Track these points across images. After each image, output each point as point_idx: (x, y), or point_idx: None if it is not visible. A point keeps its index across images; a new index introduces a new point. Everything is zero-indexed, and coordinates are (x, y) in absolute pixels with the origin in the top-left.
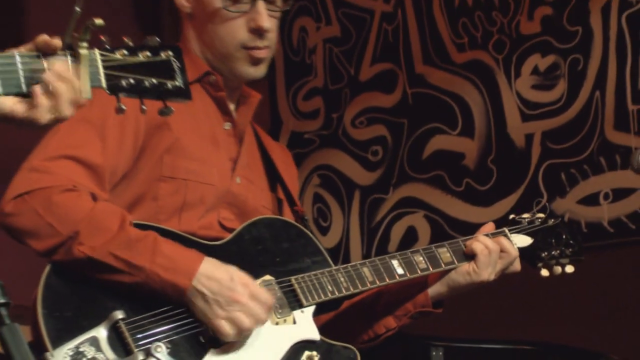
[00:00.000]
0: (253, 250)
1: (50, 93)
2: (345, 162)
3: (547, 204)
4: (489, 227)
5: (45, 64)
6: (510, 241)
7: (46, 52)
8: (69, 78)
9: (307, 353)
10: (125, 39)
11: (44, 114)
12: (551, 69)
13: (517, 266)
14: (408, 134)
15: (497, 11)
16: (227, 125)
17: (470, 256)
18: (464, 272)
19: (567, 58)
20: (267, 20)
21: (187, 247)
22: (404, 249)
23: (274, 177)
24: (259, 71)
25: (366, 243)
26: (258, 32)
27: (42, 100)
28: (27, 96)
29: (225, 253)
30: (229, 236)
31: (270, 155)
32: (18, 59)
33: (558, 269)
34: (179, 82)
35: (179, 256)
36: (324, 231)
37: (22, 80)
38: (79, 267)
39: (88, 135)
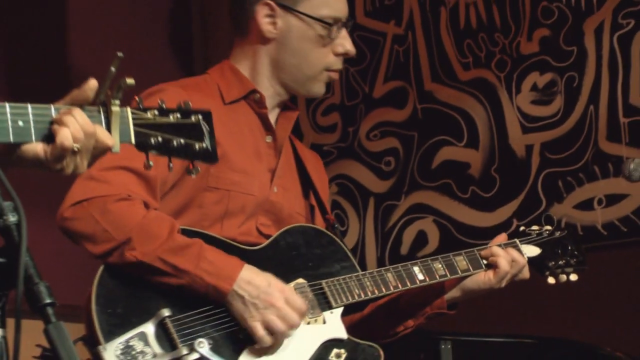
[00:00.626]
0: (288, 255)
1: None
2: (361, 171)
3: (554, 217)
4: (502, 237)
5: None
6: (521, 251)
7: (80, 105)
8: (92, 131)
9: (335, 350)
10: (159, 101)
11: (67, 162)
12: (549, 86)
13: (525, 274)
14: (418, 146)
15: (499, 33)
16: (269, 139)
17: (487, 265)
18: (478, 280)
19: (564, 75)
20: (353, 46)
21: (229, 255)
22: (415, 252)
23: (307, 184)
24: (326, 89)
25: (380, 246)
26: (344, 56)
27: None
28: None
29: (262, 257)
30: (266, 242)
31: (304, 164)
32: (53, 111)
33: (563, 277)
34: (206, 145)
35: (221, 262)
36: (342, 235)
37: (50, 129)
38: (130, 268)
39: None
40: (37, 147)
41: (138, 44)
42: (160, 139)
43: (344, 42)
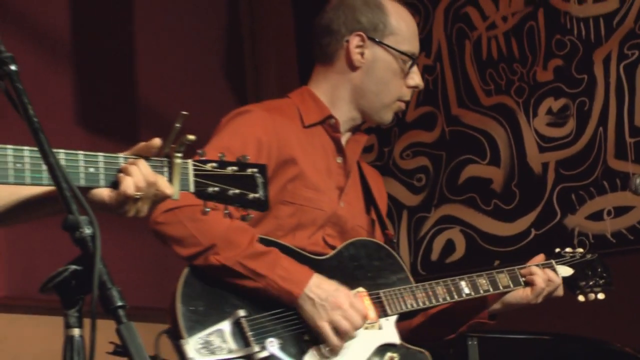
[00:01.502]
0: (350, 266)
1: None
2: (395, 187)
3: (587, 241)
4: (540, 258)
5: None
6: (556, 272)
7: (145, 156)
8: (153, 181)
9: (389, 354)
10: (219, 154)
11: (129, 207)
12: (562, 110)
13: (560, 292)
14: (446, 164)
15: (518, 63)
16: (339, 160)
17: (526, 282)
18: (517, 295)
19: (576, 100)
20: (422, 80)
21: (300, 263)
22: (444, 258)
23: (369, 201)
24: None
25: (413, 253)
26: (414, 88)
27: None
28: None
29: (328, 266)
30: (331, 252)
31: (368, 182)
32: (122, 160)
33: (592, 296)
34: (259, 195)
35: (294, 269)
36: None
37: (117, 177)
38: (212, 271)
39: None
40: (103, 193)
41: (195, 73)
42: (217, 188)
43: (415, 76)
